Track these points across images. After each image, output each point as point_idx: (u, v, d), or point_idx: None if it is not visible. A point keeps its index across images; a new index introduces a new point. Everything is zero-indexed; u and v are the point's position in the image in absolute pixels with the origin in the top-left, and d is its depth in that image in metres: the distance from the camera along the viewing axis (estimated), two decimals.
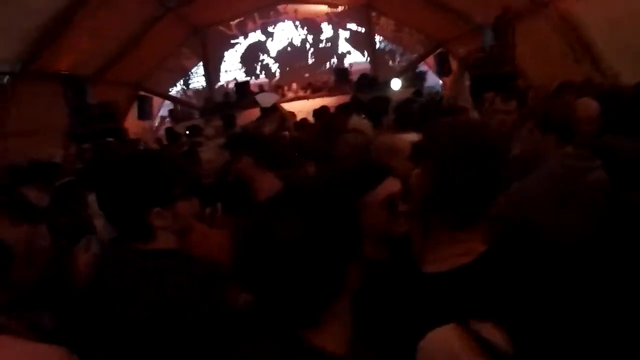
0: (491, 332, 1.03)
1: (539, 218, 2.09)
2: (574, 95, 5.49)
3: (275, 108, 7.53)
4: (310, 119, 7.17)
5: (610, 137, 2.96)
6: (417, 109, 4.09)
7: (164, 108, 14.27)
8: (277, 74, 15.13)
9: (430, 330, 1.06)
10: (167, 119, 13.53)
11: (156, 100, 13.16)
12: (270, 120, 5.60)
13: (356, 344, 1.07)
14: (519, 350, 1.03)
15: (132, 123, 11.17)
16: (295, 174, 3.04)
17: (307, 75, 14.95)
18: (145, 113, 11.88)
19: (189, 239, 1.65)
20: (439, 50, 13.57)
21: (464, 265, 1.18)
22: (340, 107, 6.76)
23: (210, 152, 3.19)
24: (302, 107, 11.88)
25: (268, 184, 2.43)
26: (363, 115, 4.69)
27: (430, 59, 14.10)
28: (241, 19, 14.74)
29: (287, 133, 5.16)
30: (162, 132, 11.71)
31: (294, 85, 14.08)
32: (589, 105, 3.00)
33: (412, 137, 3.37)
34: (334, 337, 1.04)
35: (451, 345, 1.03)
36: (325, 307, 1.01)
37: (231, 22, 14.74)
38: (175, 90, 14.79)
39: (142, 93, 12.19)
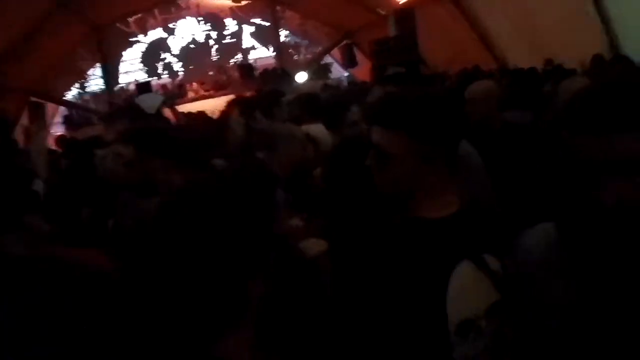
0: (495, 264, 1.20)
1: None
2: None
3: (160, 114, 7.23)
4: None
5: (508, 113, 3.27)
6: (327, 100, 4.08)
7: (60, 114, 13.37)
8: (180, 73, 14.64)
9: (449, 270, 1.19)
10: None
11: (50, 106, 12.30)
12: None
13: (259, 352, 1.04)
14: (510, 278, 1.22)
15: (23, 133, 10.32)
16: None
17: (211, 73, 14.56)
18: (40, 120, 11.04)
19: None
20: (344, 42, 13.69)
21: (458, 211, 1.31)
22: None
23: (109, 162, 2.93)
24: (206, 106, 11.55)
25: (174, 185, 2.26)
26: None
27: (337, 51, 14.19)
28: (140, 15, 14.06)
29: None
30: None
31: (195, 85, 13.70)
32: (481, 85, 3.22)
33: (319, 128, 3.34)
34: (237, 347, 1.00)
35: (469, 280, 1.19)
36: (230, 321, 0.97)
37: (129, 19, 14.00)
38: (71, 95, 13.87)
39: (35, 99, 11.32)
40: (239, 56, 15.03)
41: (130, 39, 14.33)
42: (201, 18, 14.74)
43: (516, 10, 7.93)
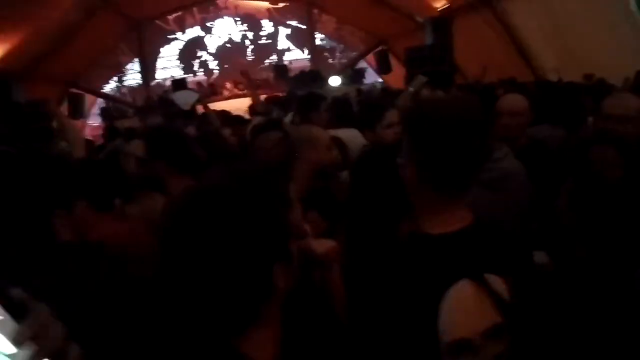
0: (499, 285, 1.16)
1: None
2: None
3: (194, 110, 7.37)
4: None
5: (537, 128, 3.19)
6: (357, 105, 4.08)
7: (97, 106, 13.69)
8: (216, 71, 14.84)
9: (447, 287, 1.15)
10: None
11: (88, 98, 12.58)
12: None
13: (285, 351, 1.02)
14: (518, 300, 1.18)
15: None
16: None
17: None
18: (79, 111, 11.31)
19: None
20: (379, 48, 13.69)
21: (466, 227, 1.26)
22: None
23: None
24: (240, 105, 11.71)
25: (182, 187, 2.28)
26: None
27: (371, 57, 14.20)
28: (179, 13, 14.34)
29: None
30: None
31: (229, 84, 13.86)
32: (514, 100, 3.08)
33: (350, 133, 3.34)
34: (262, 344, 0.98)
35: (467, 299, 1.15)
36: (252, 314, 0.95)
37: (169, 17, 14.30)
38: (109, 88, 14.20)
39: (75, 90, 11.62)
40: (274, 57, 15.17)
41: (169, 36, 14.62)
42: (238, 18, 14.94)
43: (557, 22, 7.80)
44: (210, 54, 14.87)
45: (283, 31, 15.23)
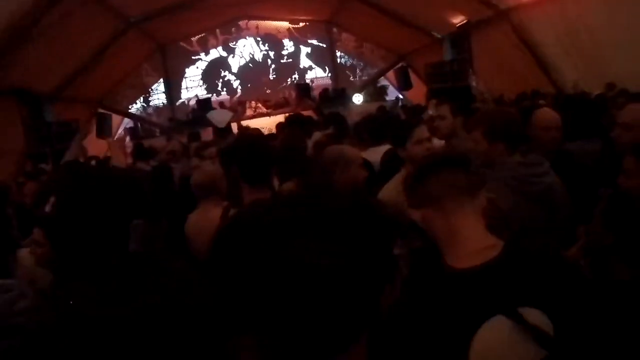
0: (537, 318, 1.08)
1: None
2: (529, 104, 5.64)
3: (230, 128, 7.56)
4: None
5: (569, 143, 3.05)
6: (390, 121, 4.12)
7: (123, 125, 14.05)
8: (239, 91, 15.12)
9: (479, 325, 1.09)
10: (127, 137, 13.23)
11: (115, 117, 12.91)
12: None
13: None
14: (558, 333, 1.08)
15: (91, 141, 10.91)
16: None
17: (268, 91, 14.97)
18: (105, 131, 11.62)
19: None
20: (399, 65, 13.81)
21: (494, 259, 1.18)
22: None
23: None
24: (264, 124, 11.90)
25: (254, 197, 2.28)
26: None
27: (391, 74, 14.32)
28: (202, 35, 14.70)
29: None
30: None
31: (254, 103, 14.08)
32: (548, 114, 3.01)
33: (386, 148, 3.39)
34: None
35: (502, 338, 1.08)
36: (359, 335, 0.85)
37: (192, 38, 14.67)
38: (135, 108, 14.56)
39: (102, 111, 11.95)
40: (296, 76, 15.42)
41: (193, 57, 14.97)
42: (260, 38, 15.23)
43: (576, 33, 7.80)
44: (233, 73, 15.16)
45: (304, 50, 15.48)
